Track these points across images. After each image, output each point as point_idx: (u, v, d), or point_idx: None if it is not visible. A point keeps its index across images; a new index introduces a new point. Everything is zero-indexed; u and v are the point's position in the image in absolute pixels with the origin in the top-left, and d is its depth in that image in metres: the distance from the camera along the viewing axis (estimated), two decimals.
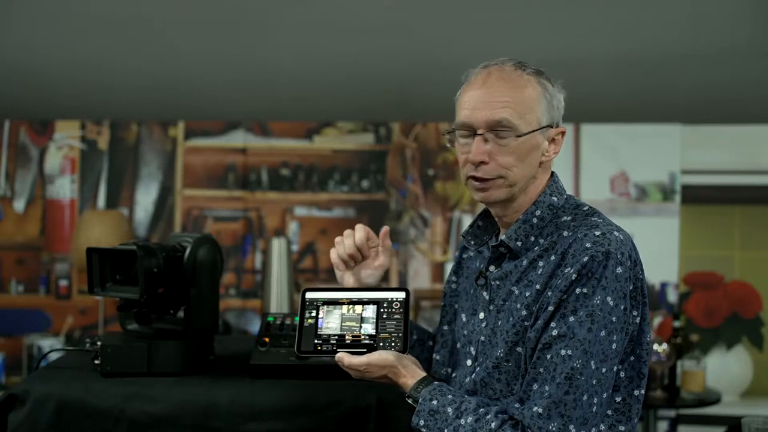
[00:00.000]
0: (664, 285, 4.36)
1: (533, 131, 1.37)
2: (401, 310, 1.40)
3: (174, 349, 1.68)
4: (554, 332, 1.28)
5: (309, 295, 1.44)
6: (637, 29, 3.00)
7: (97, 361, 1.67)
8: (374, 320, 1.39)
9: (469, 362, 1.44)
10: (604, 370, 1.28)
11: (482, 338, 1.41)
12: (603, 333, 1.27)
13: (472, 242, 1.50)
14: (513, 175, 1.37)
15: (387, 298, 1.41)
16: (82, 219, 4.21)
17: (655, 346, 3.26)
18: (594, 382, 1.27)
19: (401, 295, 1.41)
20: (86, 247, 1.70)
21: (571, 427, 1.25)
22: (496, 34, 3.07)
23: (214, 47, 3.28)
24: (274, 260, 2.84)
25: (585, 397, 1.26)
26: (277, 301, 2.78)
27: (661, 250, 4.34)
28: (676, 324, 3.44)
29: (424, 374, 1.38)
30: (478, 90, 1.38)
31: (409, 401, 1.36)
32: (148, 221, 4.50)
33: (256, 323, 4.39)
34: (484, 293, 1.44)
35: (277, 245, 2.87)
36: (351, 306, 1.41)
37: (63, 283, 4.45)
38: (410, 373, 1.37)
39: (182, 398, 1.57)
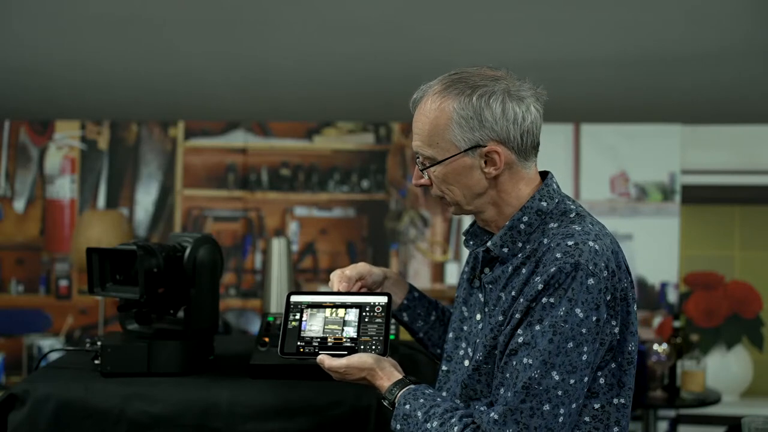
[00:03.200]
0: (664, 285, 4.36)
1: (450, 157, 1.38)
2: (383, 314, 1.43)
3: (174, 349, 1.68)
4: (520, 339, 1.29)
5: (294, 298, 1.46)
6: (637, 29, 3.00)
7: (97, 361, 1.67)
8: (356, 324, 1.42)
9: (466, 362, 1.45)
10: (572, 381, 1.27)
11: (478, 340, 1.42)
12: (570, 344, 1.27)
13: (471, 242, 1.50)
14: (451, 196, 1.42)
15: (369, 303, 1.44)
16: (82, 219, 4.21)
17: (655, 346, 3.26)
18: (559, 393, 1.26)
19: (383, 299, 1.45)
20: (86, 247, 1.70)
21: None
22: (496, 34, 3.08)
23: (214, 47, 3.28)
24: (274, 260, 2.83)
25: (546, 407, 1.26)
26: (277, 301, 2.78)
27: (661, 250, 4.34)
28: (676, 324, 3.44)
29: (400, 376, 1.39)
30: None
31: (384, 403, 1.39)
32: (148, 221, 4.50)
33: (256, 323, 4.39)
34: (480, 295, 1.45)
35: (277, 245, 2.87)
36: (334, 309, 1.44)
37: (63, 283, 4.45)
38: (387, 376, 1.39)
39: (182, 398, 1.57)
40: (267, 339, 1.75)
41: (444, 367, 1.51)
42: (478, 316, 1.45)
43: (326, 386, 1.59)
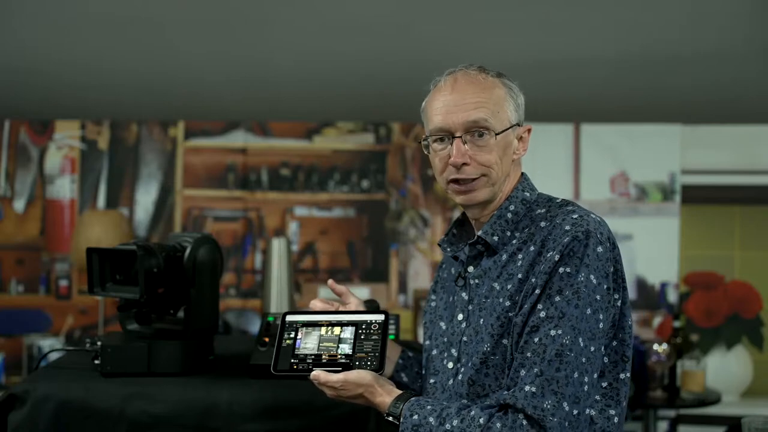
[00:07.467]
0: (664, 285, 4.35)
1: (507, 129, 1.41)
2: (379, 331, 1.41)
3: (174, 349, 1.68)
4: (542, 314, 1.29)
5: (289, 317, 1.46)
6: (637, 29, 2.99)
7: (97, 361, 1.67)
8: (352, 341, 1.40)
9: (450, 365, 1.44)
10: (592, 348, 1.29)
11: (464, 338, 1.42)
12: (589, 311, 1.29)
13: (448, 249, 1.52)
14: (494, 173, 1.40)
15: (366, 320, 1.43)
16: (82, 219, 4.21)
17: (655, 346, 3.26)
18: (584, 360, 1.28)
19: (380, 317, 1.43)
20: (86, 247, 1.70)
21: (565, 404, 1.25)
22: (496, 34, 3.07)
23: (214, 47, 3.28)
24: (274, 260, 2.84)
25: (576, 375, 1.27)
26: (277, 301, 2.78)
27: (661, 250, 4.34)
28: (676, 324, 3.44)
29: (400, 392, 1.38)
30: (449, 95, 1.41)
31: (390, 419, 1.36)
32: (148, 221, 4.50)
33: (256, 323, 4.39)
34: (463, 294, 1.45)
35: (277, 245, 2.87)
36: (330, 327, 1.43)
37: (63, 283, 4.45)
38: (387, 392, 1.37)
39: (182, 398, 1.57)
40: (267, 339, 1.75)
41: (431, 380, 1.50)
42: (460, 316, 1.45)
43: None
